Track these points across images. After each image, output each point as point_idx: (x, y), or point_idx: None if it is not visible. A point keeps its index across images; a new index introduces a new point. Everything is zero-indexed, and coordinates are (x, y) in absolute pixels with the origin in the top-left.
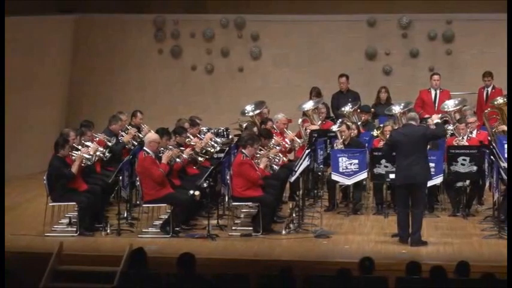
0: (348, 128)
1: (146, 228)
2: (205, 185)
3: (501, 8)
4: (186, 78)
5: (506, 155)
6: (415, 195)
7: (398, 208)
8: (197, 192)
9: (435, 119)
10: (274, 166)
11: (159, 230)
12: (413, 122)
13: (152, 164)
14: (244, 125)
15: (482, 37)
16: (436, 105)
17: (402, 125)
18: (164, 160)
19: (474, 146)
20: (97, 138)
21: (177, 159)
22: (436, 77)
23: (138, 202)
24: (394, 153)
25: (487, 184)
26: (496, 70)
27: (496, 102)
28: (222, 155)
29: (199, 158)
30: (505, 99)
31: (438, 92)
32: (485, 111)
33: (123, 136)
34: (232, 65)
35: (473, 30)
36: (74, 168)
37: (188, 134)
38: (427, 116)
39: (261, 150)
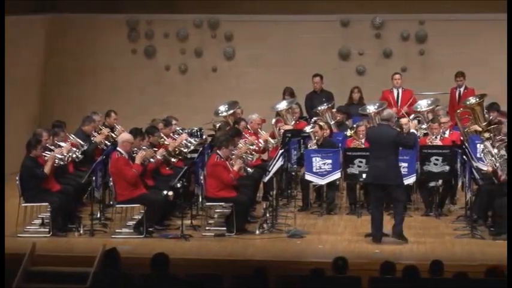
0: (321, 128)
1: (119, 229)
2: (178, 185)
3: (474, 8)
4: (160, 79)
5: (478, 155)
6: (391, 195)
7: (372, 207)
8: (171, 193)
9: (412, 127)
10: (249, 169)
11: (132, 231)
12: (386, 123)
13: (125, 165)
14: (218, 125)
15: (455, 37)
16: (399, 104)
17: (377, 124)
18: (138, 161)
19: (447, 146)
20: (70, 140)
21: (151, 160)
22: (397, 76)
23: (111, 202)
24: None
25: (460, 184)
26: (468, 70)
27: (468, 103)
28: (195, 155)
29: (172, 159)
30: (477, 99)
31: (401, 91)
32: (458, 111)
33: (95, 136)
34: (206, 65)
35: (446, 30)
36: (47, 169)
37: (161, 134)
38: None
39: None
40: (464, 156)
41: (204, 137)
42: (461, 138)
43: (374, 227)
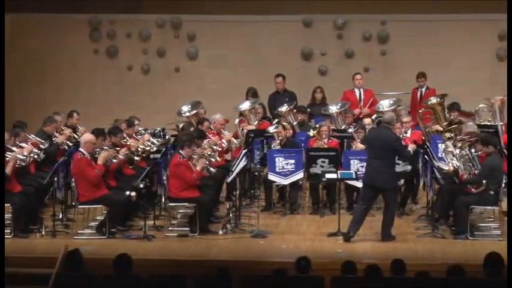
0: (284, 128)
1: (82, 230)
2: (141, 185)
3: (435, 8)
4: (122, 79)
5: (439, 155)
6: (383, 196)
7: (357, 205)
8: (133, 193)
9: (411, 148)
10: (211, 169)
11: (94, 231)
12: (387, 126)
13: (88, 165)
14: (181, 125)
15: (417, 38)
16: (362, 104)
17: (379, 126)
18: (100, 161)
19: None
20: (29, 140)
21: (113, 160)
22: (358, 76)
23: (73, 203)
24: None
25: (421, 183)
26: (430, 71)
27: (429, 102)
28: (158, 155)
29: (136, 158)
30: (438, 99)
31: (362, 91)
32: (419, 111)
33: (57, 137)
34: (168, 65)
35: (408, 30)
36: (8, 170)
37: (124, 135)
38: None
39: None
40: (425, 156)
41: (167, 137)
42: (423, 138)
43: (352, 222)
